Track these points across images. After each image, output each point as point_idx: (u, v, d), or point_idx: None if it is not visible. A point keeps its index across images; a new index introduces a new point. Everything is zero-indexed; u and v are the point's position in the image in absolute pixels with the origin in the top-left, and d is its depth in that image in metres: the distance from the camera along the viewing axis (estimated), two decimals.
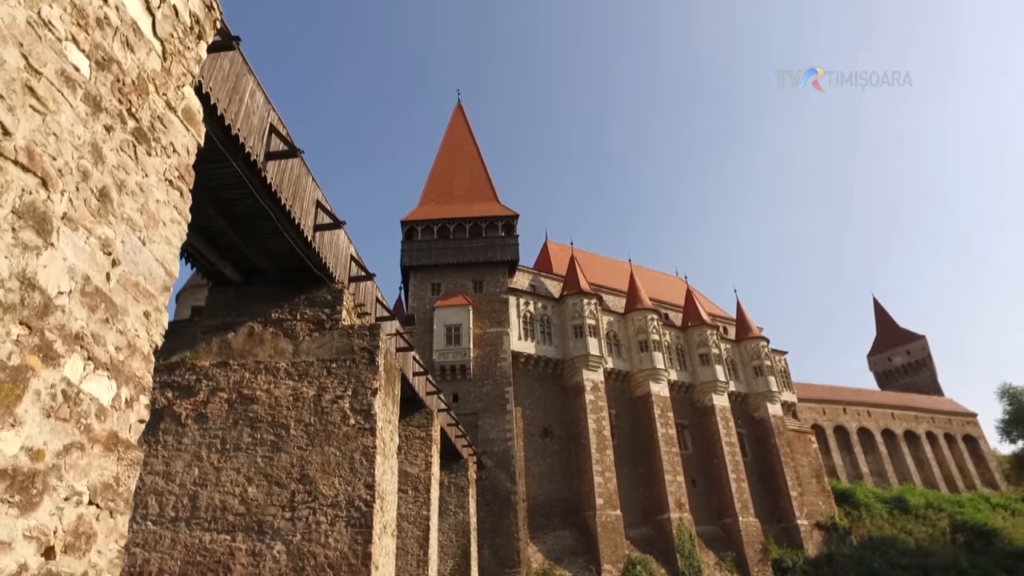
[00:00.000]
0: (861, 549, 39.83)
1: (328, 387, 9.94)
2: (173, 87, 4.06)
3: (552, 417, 37.18)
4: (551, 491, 34.50)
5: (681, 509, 35.81)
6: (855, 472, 54.69)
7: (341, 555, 8.56)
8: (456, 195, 44.15)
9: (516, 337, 37.74)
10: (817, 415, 55.64)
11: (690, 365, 43.97)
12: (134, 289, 3.39)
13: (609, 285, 47.96)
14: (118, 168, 3.35)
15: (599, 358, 38.50)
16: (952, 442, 63.21)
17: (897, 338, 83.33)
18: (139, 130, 3.60)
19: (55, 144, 2.87)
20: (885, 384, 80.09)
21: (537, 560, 30.91)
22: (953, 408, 66.95)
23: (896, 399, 64.45)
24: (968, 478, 60.83)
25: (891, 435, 59.66)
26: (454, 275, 39.31)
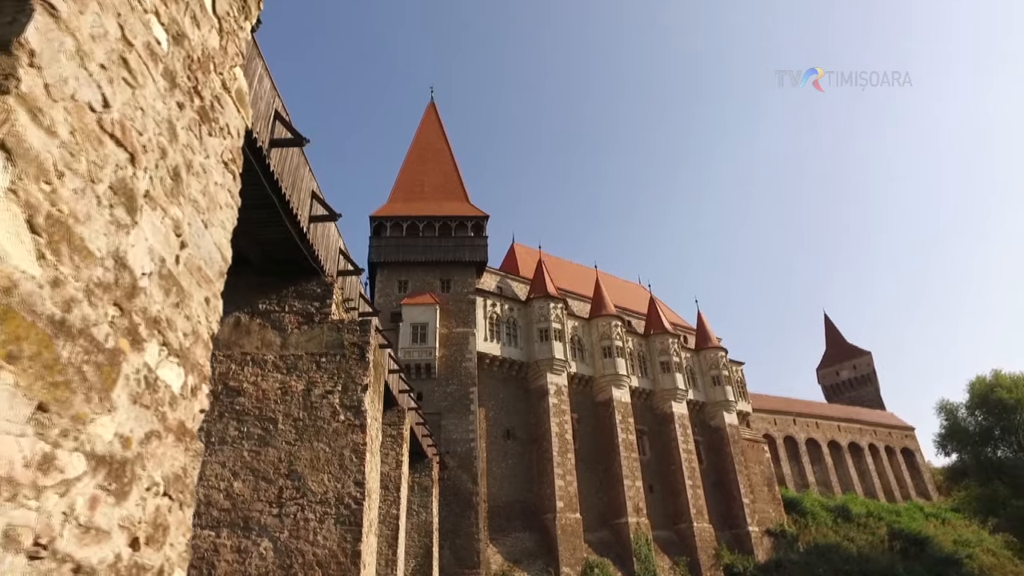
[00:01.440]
0: (807, 555, 41.23)
1: (317, 381, 9.71)
2: (228, 67, 3.93)
3: (515, 419, 37.24)
4: (512, 493, 34.54)
5: (639, 514, 36.37)
6: (802, 481, 56.61)
7: (330, 553, 8.37)
8: (426, 193, 43.82)
9: (482, 338, 37.67)
10: (769, 425, 57.38)
11: (651, 372, 44.73)
12: (198, 274, 3.28)
13: (574, 290, 48.37)
14: (186, 148, 3.24)
15: (563, 362, 38.78)
16: (892, 454, 66.14)
17: (845, 353, 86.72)
18: (203, 109, 3.48)
19: (141, 119, 2.75)
20: (832, 397, 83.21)
21: (496, 561, 30.89)
22: (893, 422, 70.07)
23: (843, 412, 67.03)
24: (905, 488, 63.76)
25: (837, 446, 62.00)
26: (421, 273, 38.99)
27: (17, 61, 1.99)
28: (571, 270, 53.36)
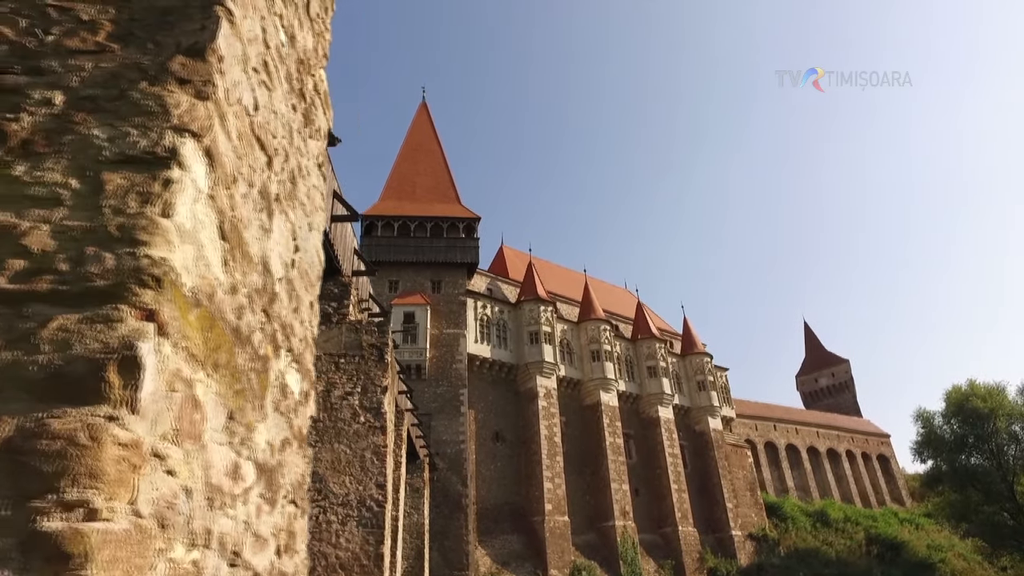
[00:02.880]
0: (788, 559, 41.83)
1: (337, 383, 9.62)
2: (318, 68, 3.91)
3: (504, 421, 37.23)
4: (500, 495, 34.51)
5: (625, 517, 36.58)
6: (782, 486, 57.40)
7: (353, 555, 8.28)
8: (418, 193, 43.63)
9: (472, 340, 37.60)
10: (750, 430, 58.09)
11: (638, 377, 45.03)
12: (306, 278, 3.26)
13: (562, 293, 48.51)
14: (298, 151, 3.22)
15: (553, 365, 38.87)
16: (868, 461, 67.38)
17: (824, 361, 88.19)
18: (307, 111, 3.47)
19: (274, 122, 2.74)
20: (810, 404, 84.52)
21: (485, 563, 30.84)
22: (870, 429, 71.41)
23: (821, 419, 68.12)
24: (880, 494, 65.00)
25: (815, 452, 62.98)
26: (412, 274, 38.79)
27: (212, 68, 1.98)
28: (559, 274, 53.53)
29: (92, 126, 1.75)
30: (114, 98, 1.83)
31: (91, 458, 1.23)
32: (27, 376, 1.31)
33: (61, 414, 1.27)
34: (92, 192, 1.62)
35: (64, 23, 1.99)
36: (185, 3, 2.14)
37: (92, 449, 1.24)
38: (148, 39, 2.02)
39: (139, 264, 1.50)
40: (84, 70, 1.88)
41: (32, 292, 1.43)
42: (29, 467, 1.19)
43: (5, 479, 1.18)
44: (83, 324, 1.39)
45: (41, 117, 1.75)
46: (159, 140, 1.74)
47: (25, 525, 1.14)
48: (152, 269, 1.51)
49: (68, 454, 1.21)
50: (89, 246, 1.52)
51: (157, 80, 1.89)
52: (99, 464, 1.23)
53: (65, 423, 1.25)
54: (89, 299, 1.43)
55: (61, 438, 1.23)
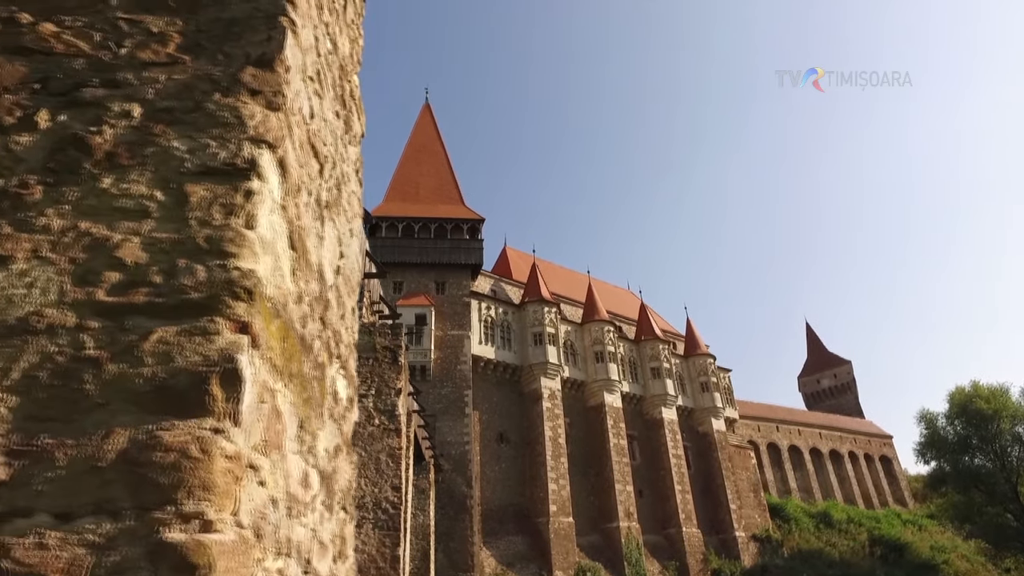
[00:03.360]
0: (791, 560, 41.83)
1: None
2: (353, 74, 3.93)
3: (508, 423, 37.24)
4: (505, 496, 34.52)
5: (629, 518, 36.57)
6: (784, 487, 57.37)
7: (369, 558, 8.29)
8: (422, 194, 43.67)
9: (477, 341, 37.62)
10: (753, 432, 58.06)
11: (642, 378, 45.03)
12: (349, 284, 3.28)
13: (566, 295, 48.53)
14: (341, 157, 3.24)
15: (557, 366, 38.87)
16: (870, 462, 67.35)
17: (826, 362, 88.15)
18: (348, 117, 3.49)
19: (324, 130, 2.76)
20: (812, 405, 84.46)
21: (490, 565, 30.84)
22: (872, 430, 71.38)
23: (824, 420, 68.10)
24: (882, 495, 64.98)
25: (818, 453, 62.96)
26: (416, 275, 38.82)
27: (281, 78, 2.00)
28: (563, 275, 53.55)
29: (172, 138, 1.76)
30: (190, 110, 1.85)
31: (203, 470, 1.24)
32: (133, 388, 1.33)
33: (170, 426, 1.28)
34: (177, 204, 1.64)
35: (135, 36, 2.01)
36: (250, 14, 2.16)
37: (204, 462, 1.25)
38: (217, 50, 2.04)
39: (230, 276, 1.52)
40: (158, 82, 1.90)
41: (131, 304, 1.44)
42: (147, 479, 1.21)
43: (123, 490, 1.20)
44: (182, 337, 1.41)
45: (122, 129, 1.77)
46: (238, 151, 1.76)
47: (150, 535, 1.15)
48: (243, 281, 1.53)
49: (182, 466, 1.23)
50: (180, 258, 1.54)
51: (230, 91, 1.90)
52: (211, 476, 1.25)
53: (175, 436, 1.27)
54: (185, 311, 1.45)
55: (174, 450, 1.24)
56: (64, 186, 1.63)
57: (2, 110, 1.74)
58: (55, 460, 1.22)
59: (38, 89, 1.82)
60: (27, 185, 1.61)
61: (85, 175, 1.66)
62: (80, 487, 1.20)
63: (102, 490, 1.20)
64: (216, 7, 2.17)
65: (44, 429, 1.26)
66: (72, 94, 1.83)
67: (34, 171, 1.65)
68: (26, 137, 1.71)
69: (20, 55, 1.87)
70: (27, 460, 1.21)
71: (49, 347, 1.36)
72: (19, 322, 1.38)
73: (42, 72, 1.85)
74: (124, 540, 1.15)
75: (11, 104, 1.76)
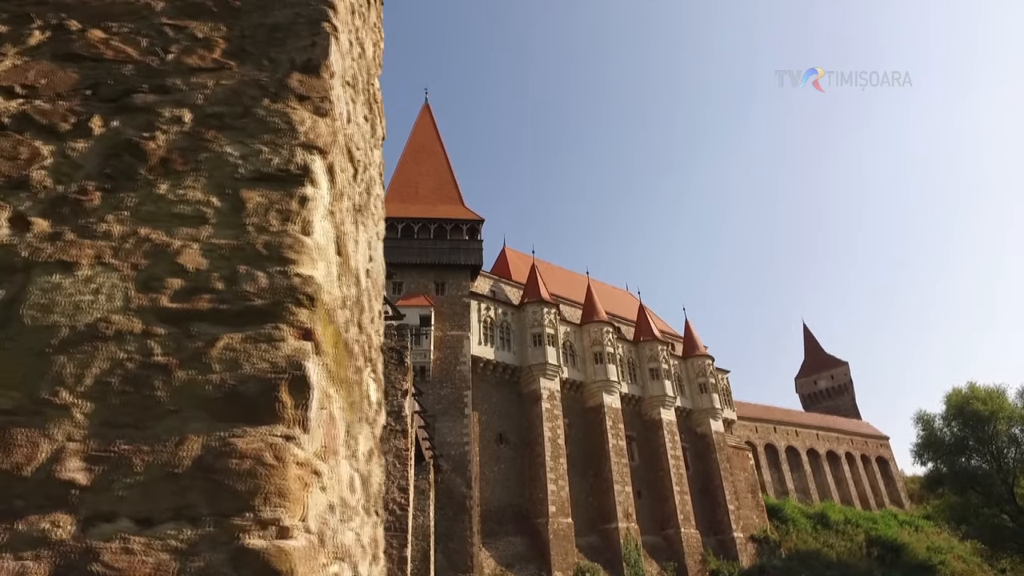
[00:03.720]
0: (789, 561, 41.93)
1: None
2: (375, 77, 3.94)
3: (508, 423, 37.24)
4: (504, 497, 34.52)
5: (628, 519, 36.60)
6: (782, 488, 57.49)
7: None
8: (421, 195, 43.66)
9: (476, 342, 37.61)
10: (750, 433, 58.18)
11: (640, 379, 45.08)
12: (376, 287, 3.29)
13: (565, 295, 48.56)
14: (369, 161, 3.25)
15: (556, 367, 38.89)
16: (867, 463, 67.55)
17: (823, 363, 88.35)
18: (373, 121, 3.50)
19: (357, 134, 2.77)
20: (809, 406, 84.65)
21: (489, 565, 30.84)
22: (869, 431, 71.59)
23: (821, 421, 68.28)
24: (879, 496, 65.17)
25: (815, 454, 63.12)
26: (416, 275, 38.80)
27: (327, 84, 2.01)
28: (562, 276, 53.59)
29: (224, 143, 1.77)
30: (239, 115, 1.86)
31: (278, 477, 1.26)
32: (203, 395, 1.34)
33: (242, 433, 1.29)
34: (233, 210, 1.65)
35: (181, 41, 2.02)
36: (292, 20, 2.17)
37: (279, 468, 1.26)
38: (262, 56, 2.05)
39: (292, 283, 1.53)
40: (207, 87, 1.91)
41: (195, 311, 1.45)
42: (224, 485, 1.22)
43: (201, 496, 1.21)
44: (248, 343, 1.42)
45: (174, 135, 1.78)
46: (291, 157, 1.77)
47: (231, 542, 1.17)
48: (305, 288, 1.54)
49: (258, 473, 1.24)
50: (240, 264, 1.54)
51: (279, 97, 1.91)
52: (285, 483, 1.26)
53: (249, 442, 1.28)
54: (250, 318, 1.46)
55: (249, 457, 1.25)
56: (122, 192, 1.64)
57: (57, 116, 1.75)
58: (133, 466, 1.23)
59: (90, 95, 1.83)
60: (86, 191, 1.62)
61: (141, 181, 1.66)
62: (159, 493, 1.21)
63: (180, 496, 1.21)
64: (259, 12, 2.18)
65: (119, 435, 1.27)
66: (123, 100, 1.84)
67: (91, 177, 1.66)
68: (82, 143, 1.72)
69: (71, 62, 1.88)
70: (106, 465, 1.23)
71: (119, 353, 1.37)
72: (88, 328, 1.39)
73: (93, 78, 1.86)
74: (206, 546, 1.17)
75: (65, 110, 1.77)
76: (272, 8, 2.19)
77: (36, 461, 1.21)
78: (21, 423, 1.25)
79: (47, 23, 1.95)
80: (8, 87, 1.78)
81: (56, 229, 1.54)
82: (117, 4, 2.08)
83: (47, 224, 1.55)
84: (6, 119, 1.71)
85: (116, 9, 2.06)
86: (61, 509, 1.17)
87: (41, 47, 1.90)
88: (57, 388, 1.30)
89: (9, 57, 1.84)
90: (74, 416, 1.28)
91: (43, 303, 1.41)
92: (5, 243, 1.49)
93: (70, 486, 1.19)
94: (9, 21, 1.92)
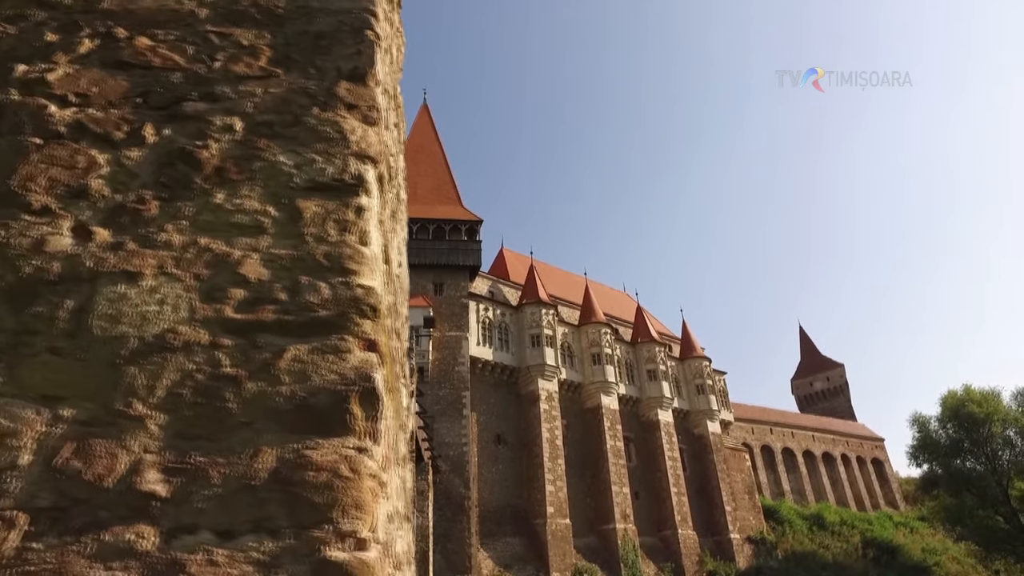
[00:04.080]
0: (785, 563, 42.09)
1: None
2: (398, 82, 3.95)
3: (506, 424, 37.26)
4: (502, 498, 34.53)
5: (626, 520, 36.67)
6: (778, 489, 57.67)
7: None
8: (419, 195, 43.64)
9: (475, 342, 37.62)
10: (747, 434, 58.35)
11: (638, 380, 45.16)
12: (404, 292, 3.29)
13: (563, 296, 48.60)
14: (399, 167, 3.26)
15: (554, 368, 38.93)
16: (862, 464, 67.83)
17: (818, 365, 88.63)
18: (399, 125, 3.50)
19: (390, 139, 2.77)
20: (805, 407, 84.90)
21: (487, 566, 30.84)
22: (865, 433, 71.88)
23: (817, 422, 68.51)
24: (874, 498, 65.43)
25: (811, 456, 63.34)
26: (414, 276, 38.76)
27: (374, 92, 2.02)
28: (560, 277, 53.64)
29: (277, 152, 1.78)
30: (289, 124, 1.87)
31: (355, 489, 1.26)
32: (274, 407, 1.35)
33: (315, 446, 1.30)
34: (290, 220, 1.66)
35: (227, 48, 2.03)
36: (336, 27, 2.18)
37: (355, 481, 1.27)
38: (308, 64, 2.05)
39: (355, 294, 1.54)
40: (255, 95, 1.92)
41: (259, 322, 1.46)
42: (301, 498, 1.22)
43: (279, 508, 1.22)
44: (315, 355, 1.43)
45: (226, 143, 1.78)
46: (344, 167, 1.78)
47: (312, 554, 1.17)
48: (368, 299, 1.55)
49: (335, 486, 1.25)
50: (301, 275, 1.55)
51: (328, 106, 1.92)
52: (361, 495, 1.27)
53: (323, 455, 1.29)
54: (315, 329, 1.46)
55: (325, 470, 1.26)
56: (179, 201, 1.64)
57: (110, 124, 1.75)
58: (210, 478, 1.24)
59: (140, 103, 1.83)
60: (144, 200, 1.62)
61: (198, 190, 1.67)
62: (237, 505, 1.21)
63: (258, 508, 1.22)
64: (302, 20, 2.19)
65: (193, 447, 1.28)
66: (173, 108, 1.84)
67: (148, 186, 1.66)
68: (136, 152, 1.72)
69: (121, 69, 1.88)
70: (183, 478, 1.23)
71: (187, 365, 1.38)
72: (156, 339, 1.40)
73: (143, 86, 1.86)
74: (287, 559, 1.17)
75: (118, 119, 1.77)
76: (315, 15, 2.20)
77: (116, 472, 1.21)
78: (98, 434, 1.26)
79: (95, 31, 1.95)
80: (62, 95, 1.78)
81: (117, 239, 1.54)
82: (161, 11, 2.08)
83: (108, 234, 1.55)
84: (63, 128, 1.71)
85: (161, 16, 2.06)
86: (143, 520, 1.17)
87: (91, 55, 1.90)
88: (130, 399, 1.31)
89: (61, 65, 1.84)
90: (148, 427, 1.28)
91: (110, 313, 1.42)
92: (70, 253, 1.49)
93: (151, 498, 1.19)
94: (59, 30, 1.92)
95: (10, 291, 1.42)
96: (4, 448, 1.21)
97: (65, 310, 1.40)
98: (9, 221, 1.52)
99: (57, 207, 1.57)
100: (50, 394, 1.29)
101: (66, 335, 1.37)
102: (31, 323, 1.38)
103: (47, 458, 1.21)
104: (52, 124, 1.71)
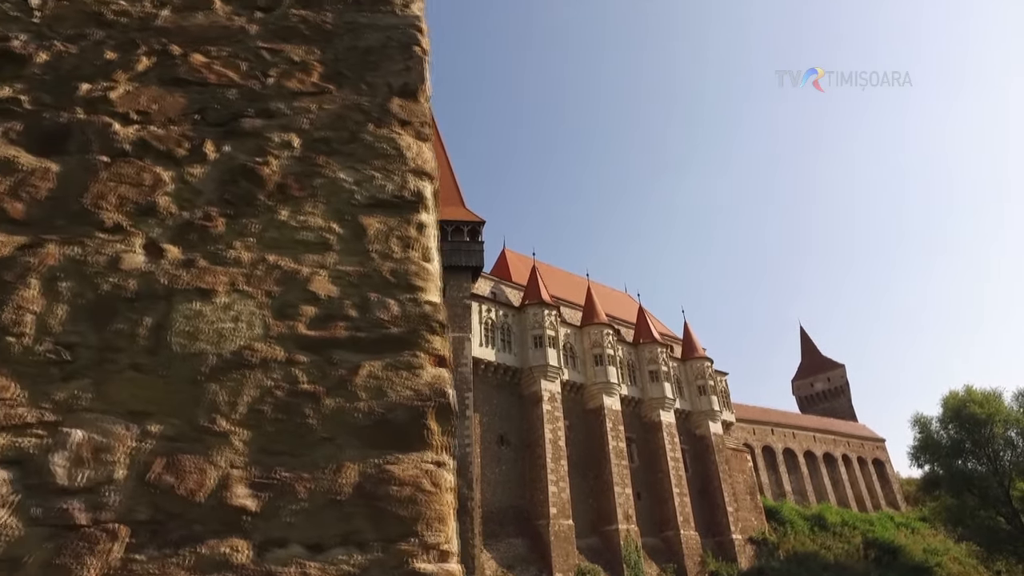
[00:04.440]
0: (787, 563, 42.11)
1: None
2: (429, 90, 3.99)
3: (508, 425, 37.28)
4: (505, 499, 34.56)
5: (628, 521, 36.69)
6: (779, 490, 57.71)
7: None
8: None
9: (477, 343, 37.65)
10: (748, 435, 58.37)
11: (640, 381, 45.18)
12: None
13: (565, 297, 48.63)
14: None
15: (557, 369, 38.96)
16: (864, 465, 67.86)
17: (819, 365, 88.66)
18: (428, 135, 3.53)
19: None
20: (806, 408, 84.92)
21: (490, 567, 30.86)
22: (866, 433, 71.92)
23: (818, 423, 68.55)
24: (875, 498, 65.47)
25: (812, 456, 63.37)
26: None
27: (425, 108, 2.05)
28: (562, 278, 53.68)
29: (336, 169, 1.80)
30: (347, 140, 1.89)
31: (437, 503, 1.29)
32: (353, 423, 1.37)
33: (396, 461, 1.33)
34: (355, 237, 1.68)
35: (279, 64, 2.05)
36: (384, 43, 2.20)
37: (437, 495, 1.30)
38: (359, 80, 2.08)
39: (424, 311, 1.57)
40: (311, 112, 1.94)
41: (333, 339, 1.49)
42: (387, 512, 1.25)
43: (365, 522, 1.25)
44: (389, 371, 1.46)
45: (286, 160, 1.81)
46: (404, 184, 1.80)
47: (401, 567, 1.20)
48: (436, 315, 1.58)
49: (418, 500, 1.28)
50: (370, 292, 1.58)
51: (382, 122, 1.95)
52: (443, 508, 1.30)
53: (404, 470, 1.32)
54: (387, 346, 1.49)
55: (408, 484, 1.29)
56: (244, 218, 1.67)
57: (172, 142, 1.78)
58: (296, 493, 1.27)
59: (198, 120, 1.86)
60: (210, 217, 1.65)
61: (262, 207, 1.69)
62: (325, 519, 1.25)
63: (346, 522, 1.25)
64: (350, 36, 2.22)
65: (278, 463, 1.31)
66: (231, 124, 1.87)
67: (213, 203, 1.68)
68: (199, 168, 1.75)
69: (178, 86, 1.91)
70: (271, 492, 1.26)
71: (266, 381, 1.41)
72: (234, 356, 1.43)
73: (200, 103, 1.89)
74: (377, 571, 1.20)
75: (178, 135, 1.80)
76: (363, 31, 2.22)
77: (206, 487, 1.24)
78: (186, 449, 1.29)
79: (151, 49, 1.98)
80: (124, 113, 1.80)
81: (188, 256, 1.57)
82: (213, 27, 2.10)
83: (179, 251, 1.58)
84: (127, 145, 1.74)
85: (212, 32, 2.09)
86: (236, 534, 1.20)
87: (148, 72, 1.92)
88: (213, 415, 1.34)
89: (121, 83, 1.87)
90: (233, 443, 1.31)
91: (188, 330, 1.45)
92: (144, 270, 1.52)
93: (242, 512, 1.22)
94: (117, 48, 1.95)
95: (91, 309, 1.45)
96: (100, 463, 1.24)
97: (144, 327, 1.43)
98: (85, 239, 1.55)
99: (128, 225, 1.60)
100: (137, 410, 1.32)
101: (147, 352, 1.41)
102: (114, 340, 1.41)
103: (140, 473, 1.24)
104: (117, 142, 1.74)
